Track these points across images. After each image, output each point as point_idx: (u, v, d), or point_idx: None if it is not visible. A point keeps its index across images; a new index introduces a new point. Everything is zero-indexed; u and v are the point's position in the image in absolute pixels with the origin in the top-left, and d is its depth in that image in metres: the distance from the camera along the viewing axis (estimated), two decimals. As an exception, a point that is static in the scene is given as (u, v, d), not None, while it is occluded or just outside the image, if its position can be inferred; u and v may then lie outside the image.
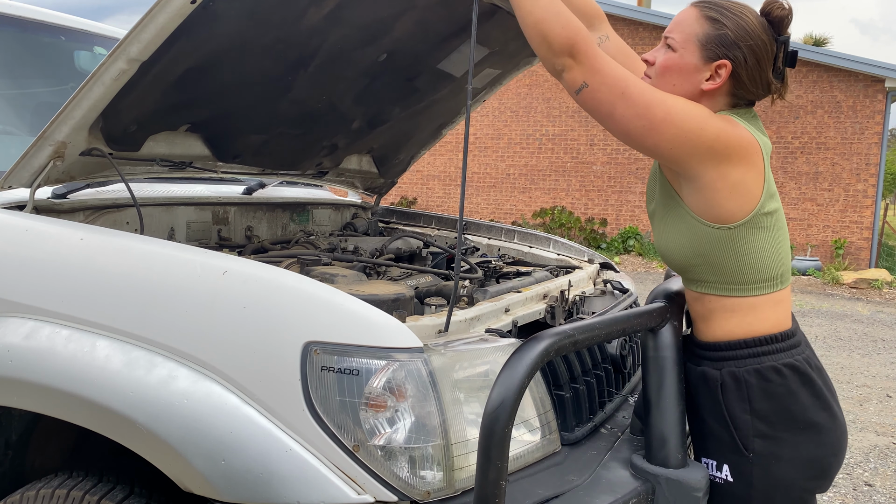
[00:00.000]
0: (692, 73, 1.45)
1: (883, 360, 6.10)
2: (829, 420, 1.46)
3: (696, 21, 1.45)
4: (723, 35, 1.42)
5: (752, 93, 1.47)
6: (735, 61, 1.42)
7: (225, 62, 1.86)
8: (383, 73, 2.31)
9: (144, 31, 1.49)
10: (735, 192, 1.40)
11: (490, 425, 1.10)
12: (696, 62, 1.44)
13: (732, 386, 1.47)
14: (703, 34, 1.44)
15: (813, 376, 1.46)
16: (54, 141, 1.66)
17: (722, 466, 1.49)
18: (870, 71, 11.01)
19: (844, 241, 11.33)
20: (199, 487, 1.25)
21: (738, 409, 1.46)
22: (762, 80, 1.46)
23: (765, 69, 1.44)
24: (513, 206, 14.19)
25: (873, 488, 3.51)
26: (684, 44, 1.45)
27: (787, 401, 1.44)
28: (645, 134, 1.37)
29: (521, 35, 2.34)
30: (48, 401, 1.38)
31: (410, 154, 3.04)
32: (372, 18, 1.98)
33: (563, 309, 1.91)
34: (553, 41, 1.36)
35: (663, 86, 1.47)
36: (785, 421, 1.44)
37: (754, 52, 1.42)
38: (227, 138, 2.26)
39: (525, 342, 1.21)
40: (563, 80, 1.40)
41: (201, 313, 1.31)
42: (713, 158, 1.38)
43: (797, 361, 1.46)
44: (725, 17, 1.43)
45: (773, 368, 1.44)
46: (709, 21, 1.44)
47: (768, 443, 1.44)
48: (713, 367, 1.51)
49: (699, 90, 1.45)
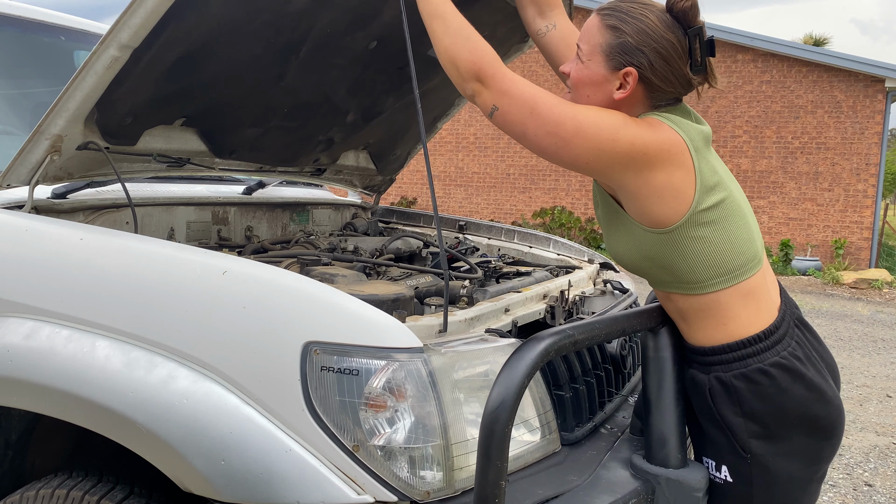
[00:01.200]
0: (602, 84, 1.42)
1: (883, 360, 6.10)
2: (824, 408, 1.44)
3: (598, 31, 1.43)
4: (623, 42, 1.39)
5: (669, 92, 1.43)
6: (640, 67, 1.39)
7: (216, 49, 1.86)
8: (374, 61, 2.30)
9: (134, 15, 1.49)
10: (663, 196, 1.37)
11: (490, 425, 1.10)
12: (604, 72, 1.42)
13: (721, 391, 1.45)
14: (605, 44, 1.41)
15: (802, 370, 1.43)
16: (50, 135, 1.66)
17: (721, 467, 1.49)
18: (870, 71, 11.02)
19: (844, 241, 11.33)
20: (199, 487, 1.24)
21: (729, 412, 1.45)
22: (677, 78, 1.41)
23: (677, 67, 1.40)
24: (513, 206, 14.19)
25: (873, 488, 3.51)
26: (590, 55, 1.43)
27: (779, 400, 1.42)
28: (559, 150, 1.36)
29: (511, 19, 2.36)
30: (48, 401, 1.38)
31: (407, 149, 3.04)
32: (359, 1, 1.97)
33: (562, 309, 1.91)
34: (461, 67, 1.39)
35: (579, 98, 1.46)
36: (779, 420, 1.43)
37: (660, 54, 1.38)
38: (222, 132, 2.26)
39: (525, 342, 1.21)
40: (477, 103, 1.41)
41: (201, 313, 1.31)
42: (632, 167, 1.35)
43: (783, 359, 1.43)
44: (625, 22, 1.40)
45: (759, 370, 1.42)
46: (609, 29, 1.41)
47: (765, 442, 1.44)
48: (701, 371, 1.49)
49: (612, 99, 1.42)
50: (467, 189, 14.56)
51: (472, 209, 14.45)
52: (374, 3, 2.01)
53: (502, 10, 2.31)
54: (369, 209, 3.24)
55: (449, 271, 1.46)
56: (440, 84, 2.61)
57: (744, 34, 11.87)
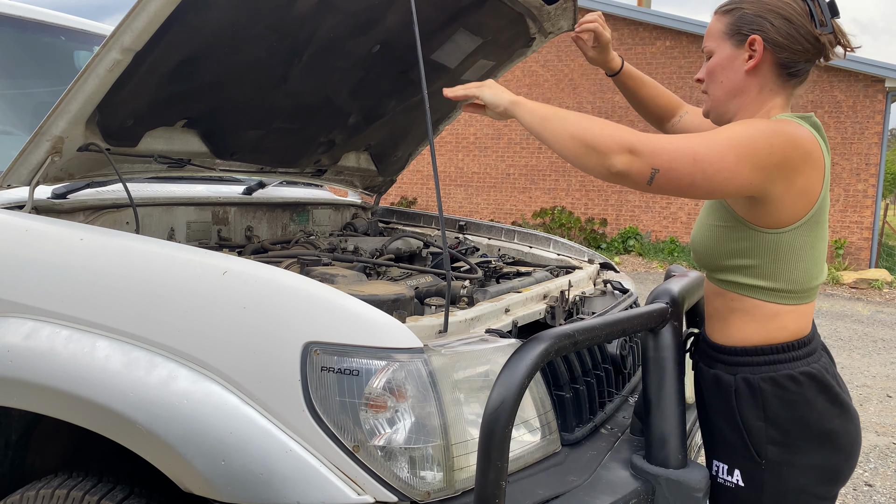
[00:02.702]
0: (733, 63, 1.46)
1: (883, 361, 6.10)
2: (845, 426, 1.43)
3: (717, 22, 1.49)
4: (742, 16, 1.44)
5: (799, 53, 1.43)
6: (762, 30, 1.41)
7: (218, 52, 1.86)
8: (377, 64, 2.30)
9: (137, 19, 1.50)
10: (799, 197, 1.37)
11: (490, 426, 1.10)
12: (731, 52, 1.46)
13: (746, 392, 1.44)
14: (726, 26, 1.46)
15: (830, 383, 1.43)
16: (51, 136, 1.66)
17: (733, 471, 1.47)
18: (870, 71, 11.02)
19: (844, 241, 11.33)
20: (199, 488, 1.24)
21: (751, 415, 1.44)
22: (805, 37, 1.41)
23: (800, 24, 1.41)
24: (513, 206, 14.19)
25: (873, 488, 3.51)
26: (717, 44, 1.48)
27: (803, 409, 1.41)
28: (729, 182, 1.32)
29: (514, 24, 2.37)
30: (48, 401, 1.38)
31: (408, 151, 3.04)
32: (363, 5, 1.97)
33: (563, 309, 1.91)
34: (601, 145, 1.31)
35: (715, 88, 1.49)
36: (800, 429, 1.41)
37: (780, 15, 1.40)
38: (223, 134, 2.26)
39: (525, 342, 1.21)
40: (628, 177, 1.32)
41: (201, 314, 1.31)
42: (782, 172, 1.34)
43: (814, 369, 1.42)
44: (740, 2, 1.45)
45: (789, 377, 1.42)
46: (727, 14, 1.47)
47: (782, 450, 1.42)
48: (727, 371, 1.48)
49: (744, 75, 1.44)
50: (467, 189, 14.56)
51: (472, 209, 14.45)
52: (378, 7, 2.01)
53: (506, 16, 2.31)
54: (369, 209, 3.24)
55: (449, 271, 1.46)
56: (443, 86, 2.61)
57: (744, 34, 11.86)
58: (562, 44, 13.33)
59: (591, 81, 13.25)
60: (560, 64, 13.50)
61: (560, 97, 13.53)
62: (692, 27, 12.21)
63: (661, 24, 12.51)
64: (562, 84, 13.54)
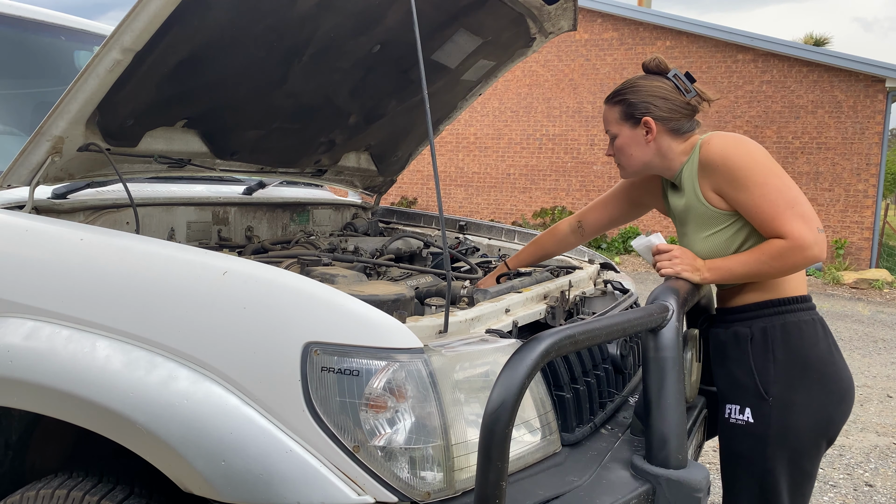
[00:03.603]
0: (636, 140, 1.84)
1: (883, 361, 6.09)
2: (838, 373, 1.75)
3: (610, 111, 1.88)
4: (629, 103, 1.82)
5: (680, 118, 1.82)
6: (649, 112, 1.80)
7: (219, 52, 1.86)
8: (378, 64, 2.30)
9: (137, 19, 1.49)
10: None
11: (490, 426, 1.10)
12: (630, 132, 1.84)
13: (760, 339, 1.76)
14: (619, 113, 1.85)
15: (828, 332, 1.78)
16: (51, 136, 1.66)
17: (745, 410, 1.76)
18: (870, 71, 11.01)
19: (845, 241, 11.33)
20: (199, 488, 1.24)
21: (762, 358, 1.75)
22: (679, 106, 1.81)
23: (674, 98, 1.81)
24: (513, 207, 14.19)
25: (874, 488, 3.51)
26: (617, 128, 1.86)
27: (806, 352, 1.73)
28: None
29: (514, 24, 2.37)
30: (48, 401, 1.38)
31: (408, 151, 3.04)
32: (364, 5, 1.97)
33: (563, 309, 1.91)
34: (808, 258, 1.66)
35: (627, 159, 1.87)
36: (801, 369, 1.72)
37: (657, 96, 1.80)
38: (224, 134, 2.26)
39: (525, 343, 1.20)
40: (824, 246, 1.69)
41: (201, 314, 1.31)
42: None
43: (815, 318, 1.78)
44: (624, 93, 1.84)
45: (795, 324, 1.75)
46: (616, 104, 1.86)
47: (785, 388, 1.72)
48: (744, 325, 1.80)
49: (648, 145, 1.83)
50: (467, 189, 14.56)
51: (472, 209, 14.45)
52: (379, 7, 2.01)
53: (506, 16, 2.31)
54: (370, 209, 3.24)
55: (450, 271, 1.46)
56: (443, 88, 2.61)
57: (744, 34, 11.87)
58: (562, 44, 13.33)
59: (591, 81, 13.26)
60: (560, 64, 13.50)
61: (560, 97, 13.53)
62: (692, 27, 12.21)
63: (662, 24, 12.50)
64: (562, 84, 13.54)
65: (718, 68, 12.22)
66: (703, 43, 12.29)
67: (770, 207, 1.65)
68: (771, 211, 1.65)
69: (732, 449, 1.81)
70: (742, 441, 1.77)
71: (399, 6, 2.03)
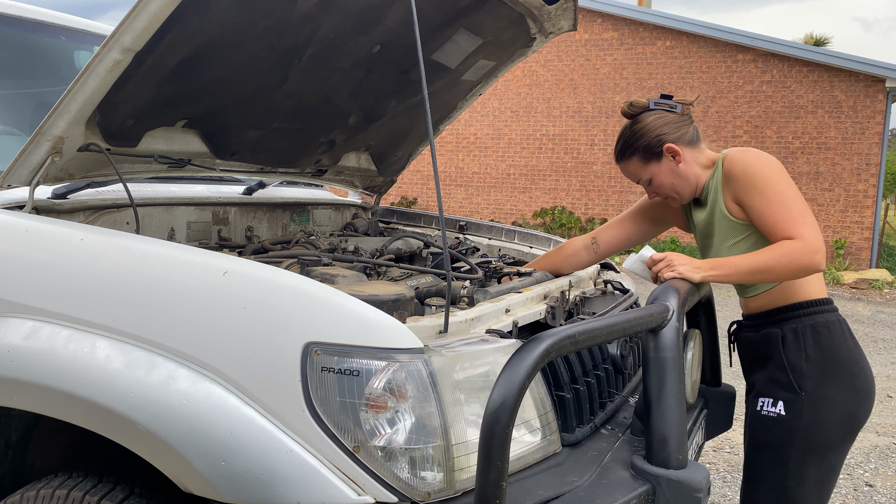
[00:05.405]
0: (670, 169, 1.92)
1: (884, 361, 6.09)
2: (863, 370, 1.84)
3: (630, 165, 1.97)
4: (642, 147, 1.92)
5: (687, 130, 1.92)
6: (664, 140, 1.90)
7: (219, 53, 1.85)
8: (378, 64, 2.30)
9: (137, 19, 1.49)
10: None
11: (490, 426, 1.10)
12: (660, 166, 1.93)
13: (792, 339, 1.84)
14: (640, 160, 1.94)
15: (851, 333, 1.88)
16: (51, 136, 1.66)
17: (777, 403, 1.84)
18: (870, 71, 11.01)
19: (845, 241, 11.33)
20: (200, 488, 1.24)
21: (795, 356, 1.83)
22: (678, 123, 1.91)
23: (671, 119, 1.91)
24: (513, 207, 14.19)
25: (874, 489, 3.51)
26: (648, 173, 1.95)
27: (836, 350, 1.82)
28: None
29: (514, 24, 2.37)
30: (48, 401, 1.38)
31: (408, 151, 3.04)
32: (364, 5, 1.97)
33: (563, 309, 1.91)
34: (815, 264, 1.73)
35: (676, 188, 1.94)
36: (832, 365, 1.81)
37: (658, 125, 1.90)
38: (224, 134, 2.26)
39: (526, 343, 1.20)
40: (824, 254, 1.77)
41: (201, 314, 1.31)
42: None
43: (840, 320, 1.87)
44: (631, 144, 1.94)
45: (824, 324, 1.84)
46: (631, 156, 1.95)
47: (818, 384, 1.80)
48: (775, 327, 1.88)
49: (683, 167, 1.91)
50: (467, 189, 14.56)
51: (472, 209, 14.45)
52: (379, 7, 2.01)
53: (506, 16, 2.31)
54: (370, 209, 3.24)
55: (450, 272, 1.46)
56: (443, 88, 2.61)
57: (744, 34, 11.87)
58: (562, 44, 13.33)
59: (591, 81, 13.26)
60: (560, 64, 13.50)
61: (560, 97, 13.53)
62: (693, 27, 12.21)
63: (662, 24, 12.50)
64: (562, 84, 13.54)
65: (718, 68, 12.22)
66: (703, 43, 12.29)
67: (784, 212, 1.74)
68: (784, 215, 1.74)
69: (762, 439, 1.87)
70: (773, 432, 1.84)
71: (399, 6, 2.03)
